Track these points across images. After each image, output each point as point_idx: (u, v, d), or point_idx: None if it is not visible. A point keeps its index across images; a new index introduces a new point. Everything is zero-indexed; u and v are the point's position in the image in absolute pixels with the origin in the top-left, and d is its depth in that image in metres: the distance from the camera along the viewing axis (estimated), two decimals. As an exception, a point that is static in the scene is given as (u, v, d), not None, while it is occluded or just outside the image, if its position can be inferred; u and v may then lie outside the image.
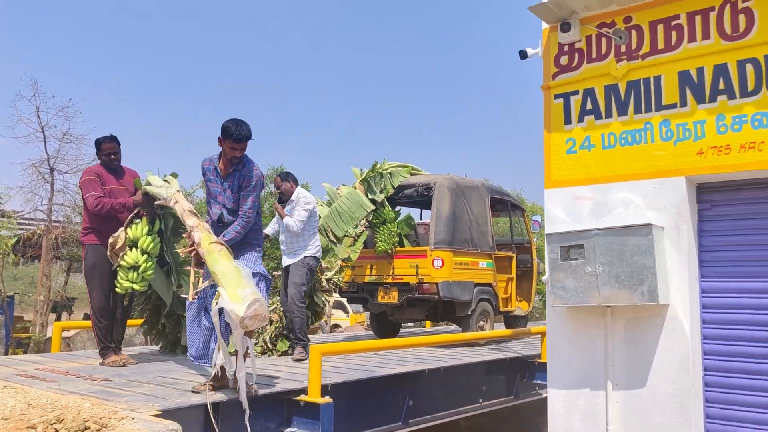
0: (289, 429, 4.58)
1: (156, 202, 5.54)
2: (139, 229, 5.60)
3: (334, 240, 7.77)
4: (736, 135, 4.04)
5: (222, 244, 4.42)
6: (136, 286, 5.56)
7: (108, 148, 5.79)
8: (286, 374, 5.28)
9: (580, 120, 4.67)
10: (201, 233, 4.48)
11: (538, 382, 7.00)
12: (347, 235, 7.91)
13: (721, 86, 4.12)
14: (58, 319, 16.02)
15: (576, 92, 4.70)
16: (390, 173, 8.61)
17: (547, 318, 4.71)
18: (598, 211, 4.53)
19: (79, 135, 15.26)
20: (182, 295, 5.77)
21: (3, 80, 44.00)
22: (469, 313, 8.10)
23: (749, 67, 4.02)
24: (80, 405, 3.84)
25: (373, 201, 8.28)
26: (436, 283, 7.74)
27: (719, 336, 4.22)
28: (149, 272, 5.62)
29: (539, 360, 7.01)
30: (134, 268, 5.53)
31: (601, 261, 4.26)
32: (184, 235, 5.28)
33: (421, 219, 10.13)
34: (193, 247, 4.48)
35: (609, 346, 4.38)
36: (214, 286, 4.30)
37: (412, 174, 8.91)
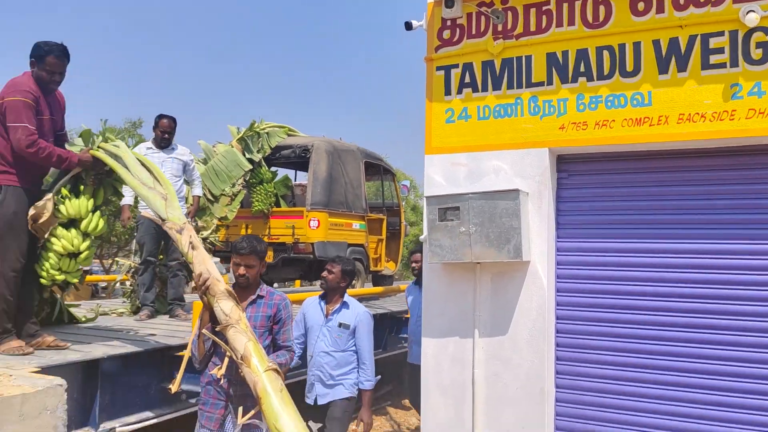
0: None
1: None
2: (82, 205, 4.33)
3: (211, 198, 7.69)
4: (593, 113, 4.58)
5: (279, 373, 3.23)
6: (71, 278, 4.42)
7: (53, 63, 4.28)
8: (166, 332, 5.26)
9: (459, 92, 5.01)
10: (251, 345, 3.18)
11: (405, 335, 7.49)
12: (224, 194, 7.85)
13: (582, 69, 4.63)
14: None
15: (456, 65, 5.04)
16: (267, 133, 8.60)
17: (424, 273, 5.08)
18: (472, 176, 4.94)
19: None
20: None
21: None
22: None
23: (606, 54, 4.56)
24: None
25: (250, 160, 8.26)
26: (312, 243, 7.95)
27: (570, 289, 4.82)
28: (89, 261, 4.45)
29: (406, 315, 7.48)
30: (72, 255, 4.35)
31: (474, 222, 4.67)
32: (205, 331, 3.42)
33: (296, 180, 10.23)
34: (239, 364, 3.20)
35: (477, 299, 4.84)
36: None
37: (289, 135, 8.96)
